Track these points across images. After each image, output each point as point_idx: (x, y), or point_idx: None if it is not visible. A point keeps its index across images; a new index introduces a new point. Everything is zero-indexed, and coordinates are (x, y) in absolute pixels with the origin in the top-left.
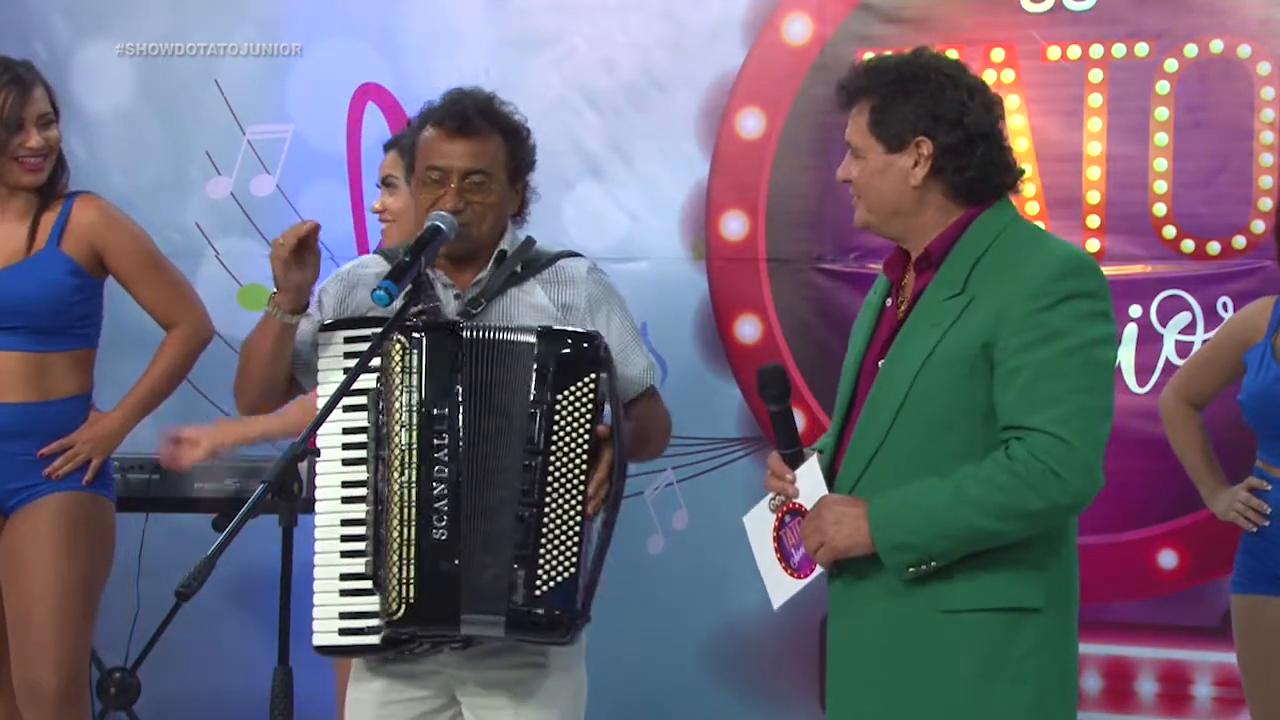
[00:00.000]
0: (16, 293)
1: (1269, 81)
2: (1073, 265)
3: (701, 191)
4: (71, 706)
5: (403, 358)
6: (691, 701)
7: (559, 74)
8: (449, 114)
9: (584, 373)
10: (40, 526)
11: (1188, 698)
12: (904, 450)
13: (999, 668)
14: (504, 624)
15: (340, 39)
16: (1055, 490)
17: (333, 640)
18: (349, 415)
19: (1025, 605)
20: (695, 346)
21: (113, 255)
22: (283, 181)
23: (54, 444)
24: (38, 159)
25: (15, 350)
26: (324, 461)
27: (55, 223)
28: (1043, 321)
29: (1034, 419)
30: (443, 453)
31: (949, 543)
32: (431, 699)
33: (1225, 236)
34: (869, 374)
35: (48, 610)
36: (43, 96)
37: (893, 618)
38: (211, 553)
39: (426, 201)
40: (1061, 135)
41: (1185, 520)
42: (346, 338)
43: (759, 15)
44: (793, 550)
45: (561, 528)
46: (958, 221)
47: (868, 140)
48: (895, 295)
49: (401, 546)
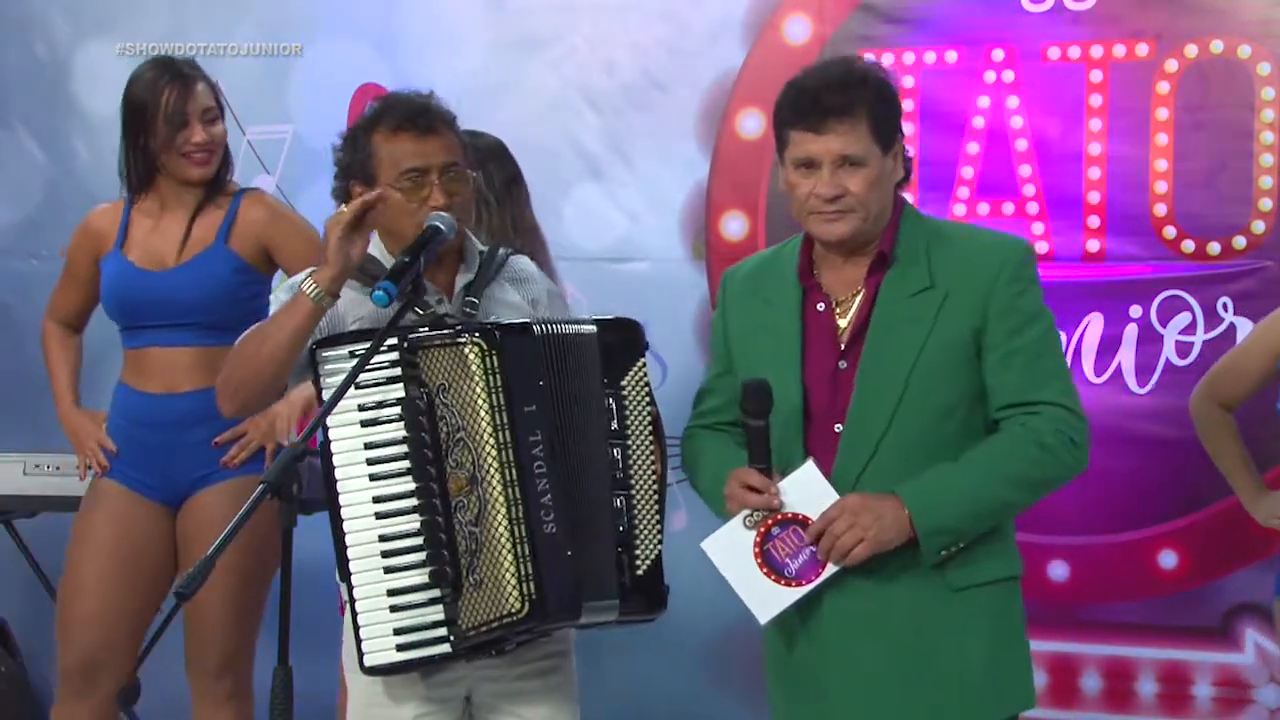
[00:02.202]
0: (187, 290)
1: (1269, 81)
2: (1029, 251)
3: (701, 191)
4: (238, 690)
5: (483, 360)
6: (691, 701)
7: (559, 74)
8: (408, 116)
9: (637, 356)
10: (221, 509)
11: (1188, 698)
12: (906, 442)
13: (1005, 633)
14: (618, 606)
15: (340, 39)
16: (1073, 458)
17: (390, 658)
18: (371, 430)
19: (1016, 573)
20: (695, 346)
21: (281, 251)
22: (283, 181)
23: (228, 432)
24: (204, 153)
25: (188, 345)
26: (346, 480)
27: (223, 220)
28: (1022, 305)
29: (1044, 393)
30: (538, 449)
31: (981, 521)
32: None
33: (1225, 237)
34: (823, 378)
35: (225, 594)
36: (205, 92)
37: (909, 602)
38: (212, 553)
39: (411, 205)
40: (1061, 135)
41: (1185, 520)
42: (351, 352)
43: (759, 15)
44: (788, 561)
45: (648, 505)
46: (893, 218)
47: (871, 149)
48: (824, 299)
49: (515, 545)
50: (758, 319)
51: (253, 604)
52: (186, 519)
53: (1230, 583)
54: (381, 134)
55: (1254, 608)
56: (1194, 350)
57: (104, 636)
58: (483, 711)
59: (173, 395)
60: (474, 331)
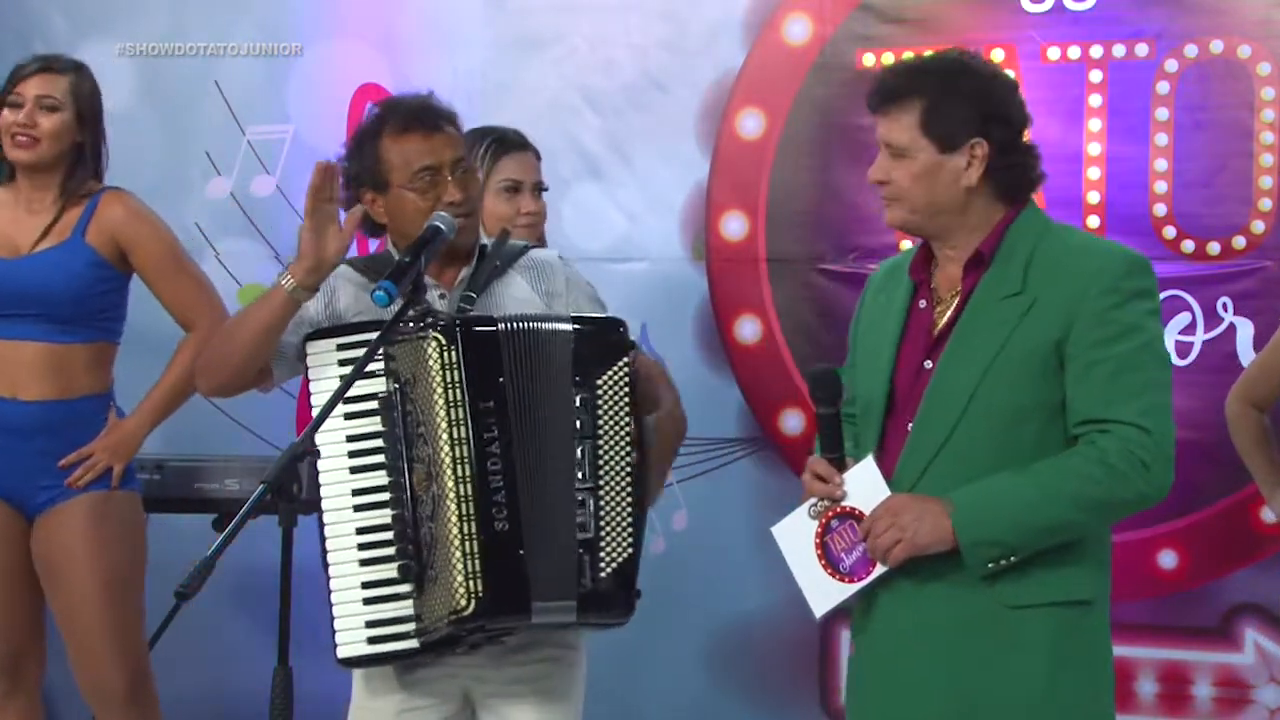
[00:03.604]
0: (38, 280)
1: (1269, 81)
2: (1137, 264)
3: (701, 191)
4: (141, 701)
5: (441, 355)
6: (692, 701)
7: (558, 74)
8: (414, 115)
9: (619, 356)
10: (75, 528)
11: (1188, 698)
12: (970, 447)
13: (1066, 660)
14: (576, 608)
15: (340, 39)
16: (1144, 482)
17: (361, 650)
18: (353, 422)
19: (1084, 598)
20: (695, 347)
21: (136, 250)
22: (283, 182)
23: (73, 454)
24: (26, 137)
25: (35, 340)
26: (329, 471)
27: (81, 215)
28: (1116, 318)
29: (1119, 412)
30: (494, 445)
31: (1034, 537)
32: (445, 706)
33: (1225, 236)
34: (909, 375)
35: (99, 611)
36: (55, 82)
37: (959, 615)
38: (211, 553)
39: (427, 204)
40: (1061, 135)
41: (1185, 520)
42: (340, 344)
43: (759, 15)
44: (843, 555)
45: (618, 508)
46: (1001, 221)
47: (918, 141)
48: (927, 296)
49: (463, 542)
50: (878, 314)
51: (136, 605)
52: (44, 538)
53: (1230, 583)
54: (389, 137)
55: (1254, 608)
56: (1194, 350)
57: (10, 632)
58: (480, 711)
59: (17, 402)
60: (437, 326)
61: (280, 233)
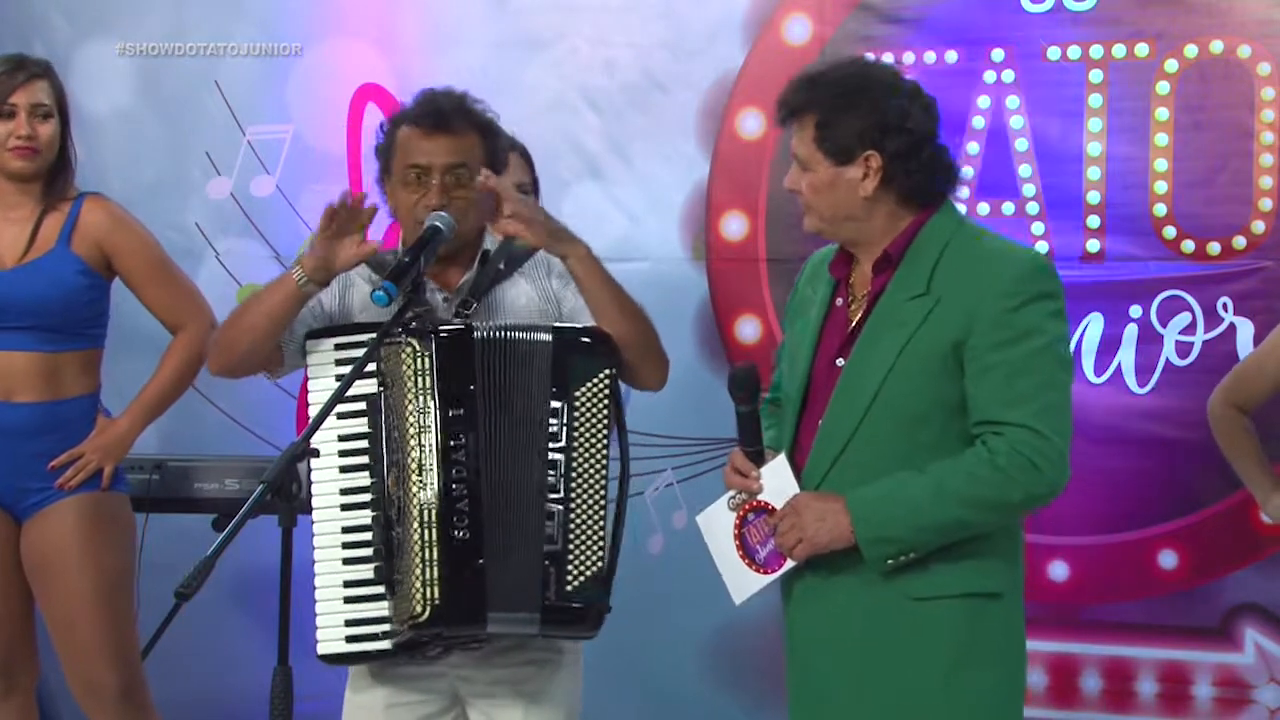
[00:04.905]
0: (29, 292)
1: (1269, 82)
2: (1037, 267)
3: (701, 192)
4: (135, 701)
5: (414, 361)
6: (691, 701)
7: (559, 74)
8: (425, 112)
9: (600, 368)
10: (65, 529)
11: (1188, 698)
12: (874, 445)
13: (969, 651)
14: (539, 620)
15: (340, 39)
16: (1034, 482)
17: (339, 648)
18: (344, 422)
19: (990, 591)
20: (695, 347)
21: (120, 257)
22: (283, 182)
23: (64, 455)
24: (25, 148)
25: (27, 350)
26: (320, 469)
27: (64, 223)
28: (1013, 321)
29: (1011, 414)
30: (461, 453)
31: (930, 535)
32: (434, 702)
33: (1225, 237)
34: (824, 373)
35: (91, 611)
36: (44, 89)
37: (865, 607)
38: (211, 553)
39: (409, 200)
40: (1061, 135)
41: (1185, 520)
42: (338, 344)
43: (759, 15)
44: (758, 547)
45: (588, 521)
46: (911, 223)
47: (814, 155)
48: (844, 294)
49: (423, 549)
50: (804, 305)
51: (127, 605)
52: (34, 540)
53: (1230, 583)
54: (402, 127)
55: (1254, 608)
56: (1194, 350)
57: (2, 634)
58: (469, 709)
59: (8, 405)
60: (413, 332)
61: (280, 233)
